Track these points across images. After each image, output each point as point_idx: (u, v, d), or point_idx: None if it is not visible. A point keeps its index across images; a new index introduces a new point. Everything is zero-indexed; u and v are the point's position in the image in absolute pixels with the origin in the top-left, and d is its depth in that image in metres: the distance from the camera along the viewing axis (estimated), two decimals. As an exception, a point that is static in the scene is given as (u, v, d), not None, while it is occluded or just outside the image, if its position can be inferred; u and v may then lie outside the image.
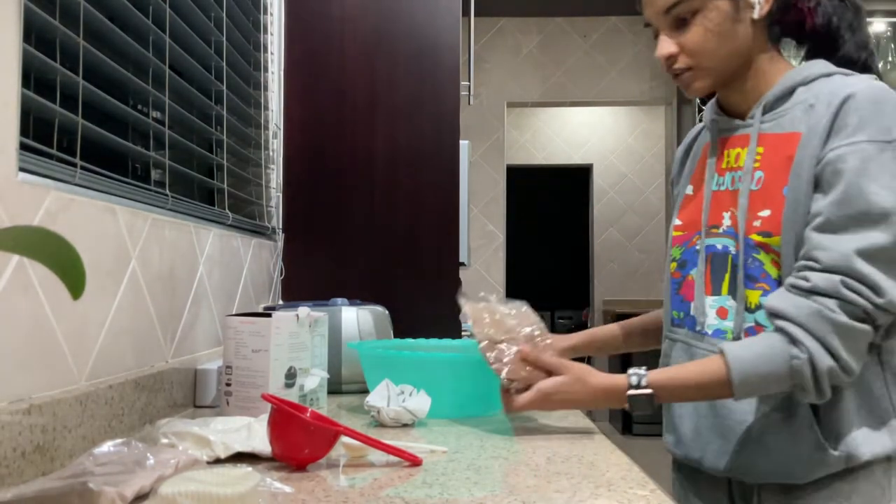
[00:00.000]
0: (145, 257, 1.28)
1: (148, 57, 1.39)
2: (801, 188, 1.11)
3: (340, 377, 1.66)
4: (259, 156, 2.14)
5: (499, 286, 4.65)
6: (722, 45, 1.18)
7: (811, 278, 1.07)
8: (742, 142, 1.22)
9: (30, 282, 0.95)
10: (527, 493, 0.91)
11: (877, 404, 1.12)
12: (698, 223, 1.25)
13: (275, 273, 2.18)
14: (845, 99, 1.10)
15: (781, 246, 1.13)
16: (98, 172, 1.17)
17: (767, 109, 1.20)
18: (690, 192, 1.31)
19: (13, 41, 0.93)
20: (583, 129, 6.95)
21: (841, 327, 1.05)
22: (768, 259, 1.15)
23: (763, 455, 1.15)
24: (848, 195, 1.07)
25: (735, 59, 1.19)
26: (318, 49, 2.25)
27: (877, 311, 1.05)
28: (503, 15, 4.68)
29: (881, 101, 1.09)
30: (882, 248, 1.05)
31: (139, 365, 1.26)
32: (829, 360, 1.05)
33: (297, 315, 1.36)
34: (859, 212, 1.06)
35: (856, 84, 1.12)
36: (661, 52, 1.20)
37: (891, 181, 1.06)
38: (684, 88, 1.25)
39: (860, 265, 1.05)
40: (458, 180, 2.25)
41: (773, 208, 1.14)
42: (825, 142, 1.11)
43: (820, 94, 1.14)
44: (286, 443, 1.01)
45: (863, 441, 1.11)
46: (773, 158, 1.16)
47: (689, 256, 1.26)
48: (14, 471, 0.88)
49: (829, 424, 1.12)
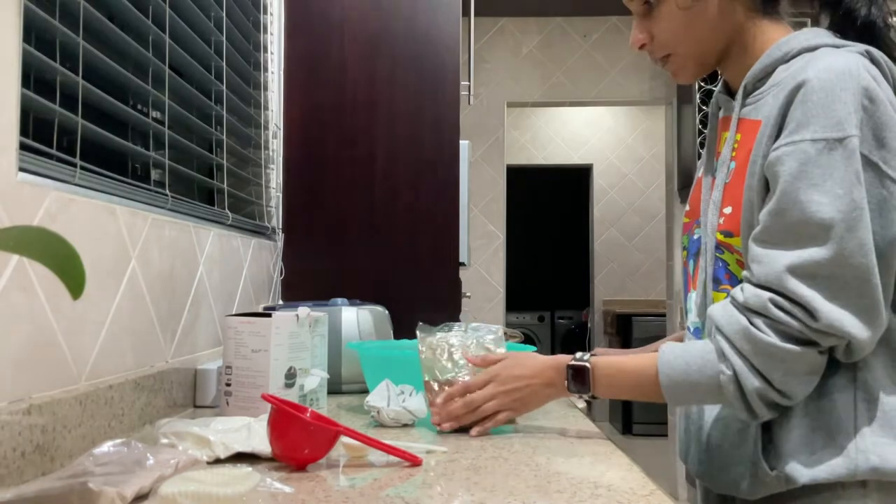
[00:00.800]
0: (145, 257, 1.28)
1: (148, 57, 1.39)
2: (754, 186, 1.01)
3: (340, 377, 1.66)
4: (259, 156, 2.14)
5: (499, 286, 4.65)
6: (690, 28, 1.09)
7: (745, 291, 0.98)
8: (728, 125, 1.11)
9: (30, 282, 0.95)
10: (527, 493, 0.91)
11: (837, 426, 0.98)
12: (698, 212, 1.16)
13: (275, 273, 2.18)
14: (798, 85, 0.97)
15: (741, 248, 1.03)
16: (98, 172, 1.17)
17: (748, 91, 1.08)
18: (699, 174, 1.20)
19: (13, 41, 0.93)
20: (583, 129, 6.95)
21: (767, 348, 0.95)
22: (732, 259, 1.05)
23: (719, 466, 1.09)
24: (783, 204, 0.95)
25: (711, 40, 1.10)
26: (318, 49, 2.25)
27: (815, 333, 0.94)
28: (503, 15, 4.68)
29: (836, 90, 0.94)
30: (818, 264, 0.93)
31: (139, 365, 1.26)
32: (755, 381, 0.96)
33: (297, 315, 1.36)
34: (795, 223, 0.94)
35: (819, 65, 0.97)
36: (631, 41, 1.14)
37: (834, 187, 0.93)
38: (674, 77, 1.17)
39: (793, 284, 0.94)
40: (458, 180, 2.25)
41: (735, 205, 1.04)
42: (775, 136, 0.99)
43: (790, 76, 1.00)
44: (286, 443, 1.01)
45: (807, 463, 0.98)
46: (744, 148, 1.04)
47: (691, 246, 1.18)
48: (14, 471, 0.88)
49: (775, 443, 1.01)
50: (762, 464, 1.01)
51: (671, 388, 1.04)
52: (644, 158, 6.87)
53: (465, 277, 3.97)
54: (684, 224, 1.22)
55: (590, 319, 6.97)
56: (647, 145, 6.86)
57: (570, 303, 7.75)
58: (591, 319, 6.92)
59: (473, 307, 4.58)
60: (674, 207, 4.52)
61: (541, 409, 1.51)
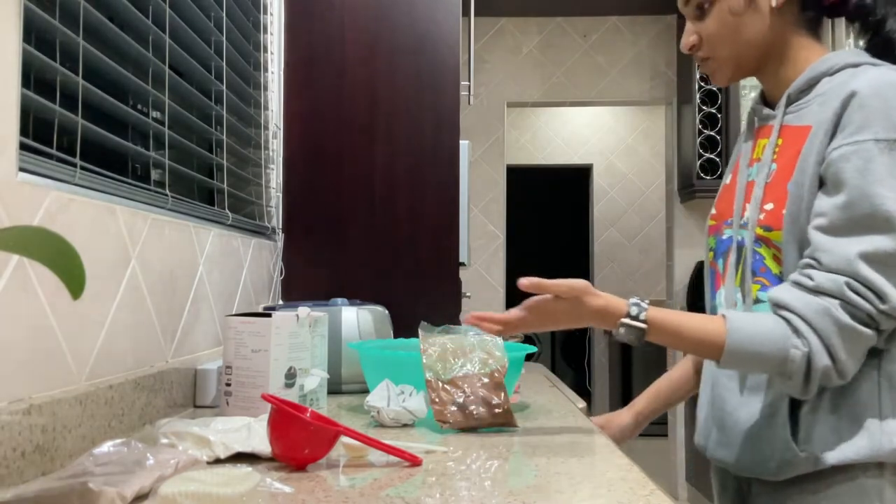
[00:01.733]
0: (145, 257, 1.28)
1: (148, 57, 1.39)
2: (805, 184, 1.10)
3: (340, 377, 1.66)
4: (259, 156, 2.14)
5: (499, 286, 4.65)
6: (737, 34, 1.18)
7: (815, 277, 1.06)
8: (768, 132, 1.21)
9: (30, 282, 0.94)
10: (527, 493, 0.91)
11: (863, 410, 1.09)
12: (727, 213, 1.25)
13: (275, 273, 2.18)
14: (852, 93, 1.07)
15: (782, 242, 1.12)
16: (98, 172, 1.17)
17: (792, 100, 1.19)
18: (728, 181, 1.30)
19: (13, 41, 0.93)
20: (583, 129, 6.95)
21: (845, 328, 1.04)
22: (769, 254, 1.14)
23: (746, 449, 1.16)
24: (851, 198, 1.05)
25: (753, 48, 1.19)
26: (318, 49, 2.25)
27: (881, 316, 1.04)
28: (503, 15, 4.68)
29: (891, 97, 1.06)
30: (887, 253, 1.03)
31: (139, 365, 1.26)
32: (826, 360, 1.04)
33: (297, 315, 1.36)
34: (863, 216, 1.04)
35: (868, 76, 1.09)
36: (683, 43, 1.23)
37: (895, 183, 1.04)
38: (711, 79, 1.26)
39: (864, 269, 1.03)
40: (458, 180, 2.25)
41: (777, 202, 1.13)
42: (830, 139, 1.09)
43: (837, 86, 1.12)
44: (286, 443, 1.01)
45: (834, 445, 1.09)
46: (788, 151, 1.15)
47: (719, 246, 1.26)
48: (14, 471, 0.88)
49: (804, 425, 1.10)
50: (792, 445, 1.10)
51: (734, 353, 1.08)
52: (644, 158, 6.87)
53: (465, 277, 3.97)
54: (710, 226, 1.30)
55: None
56: (647, 145, 6.86)
57: (570, 303, 7.74)
58: (591, 319, 6.92)
59: (473, 307, 4.57)
60: (674, 207, 4.52)
61: (541, 409, 1.51)
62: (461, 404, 1.27)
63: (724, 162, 4.09)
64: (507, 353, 1.37)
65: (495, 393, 1.29)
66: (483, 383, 1.30)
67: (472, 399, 1.28)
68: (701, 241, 4.41)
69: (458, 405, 1.27)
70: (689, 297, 4.33)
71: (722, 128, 4.11)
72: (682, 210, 4.47)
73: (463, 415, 1.27)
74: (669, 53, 4.62)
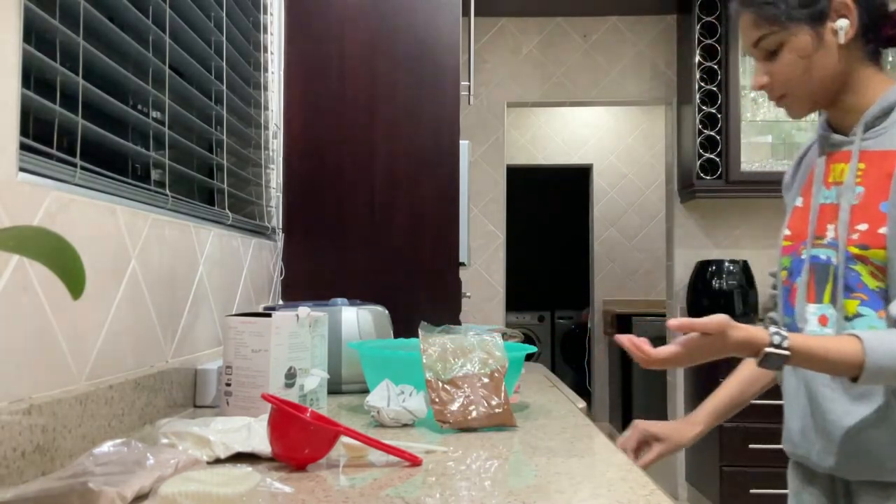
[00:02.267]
0: (145, 257, 1.28)
1: (148, 57, 1.39)
2: None
3: (340, 377, 1.66)
4: (259, 156, 2.14)
5: (499, 286, 4.65)
6: (809, 74, 1.24)
7: None
8: (846, 157, 1.27)
9: (30, 282, 0.95)
10: (527, 493, 0.91)
11: None
12: (804, 234, 1.30)
13: (275, 273, 2.18)
14: None
15: (888, 260, 1.17)
16: (98, 172, 1.17)
17: (868, 127, 1.25)
18: (800, 203, 1.35)
19: (13, 41, 0.93)
20: (583, 130, 6.95)
21: None
22: (866, 270, 1.20)
23: (860, 454, 1.22)
24: None
25: (826, 83, 1.25)
26: (318, 49, 2.25)
27: None
28: (503, 15, 4.68)
29: None
30: None
31: (139, 365, 1.26)
32: None
33: (297, 315, 1.36)
34: None
35: None
36: (753, 83, 1.30)
37: None
38: (787, 113, 1.32)
39: None
40: (458, 180, 2.25)
41: (871, 222, 1.19)
42: None
43: None
44: (286, 443, 1.01)
45: None
46: (874, 174, 1.22)
47: (796, 265, 1.31)
48: (14, 471, 0.88)
49: None
50: None
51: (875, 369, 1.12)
52: (644, 158, 6.86)
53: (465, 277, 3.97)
54: (785, 247, 1.36)
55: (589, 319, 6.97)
56: (647, 145, 6.86)
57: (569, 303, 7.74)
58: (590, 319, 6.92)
59: (473, 307, 4.57)
60: (674, 207, 4.52)
61: (541, 409, 1.51)
62: (461, 404, 1.27)
63: (723, 162, 4.09)
64: (507, 353, 1.37)
65: (495, 393, 1.29)
66: (483, 383, 1.30)
67: (472, 399, 1.28)
68: (701, 240, 4.41)
69: (458, 405, 1.27)
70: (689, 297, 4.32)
71: (722, 128, 4.11)
72: (682, 210, 4.47)
73: (463, 415, 1.27)
74: (669, 53, 4.62)
